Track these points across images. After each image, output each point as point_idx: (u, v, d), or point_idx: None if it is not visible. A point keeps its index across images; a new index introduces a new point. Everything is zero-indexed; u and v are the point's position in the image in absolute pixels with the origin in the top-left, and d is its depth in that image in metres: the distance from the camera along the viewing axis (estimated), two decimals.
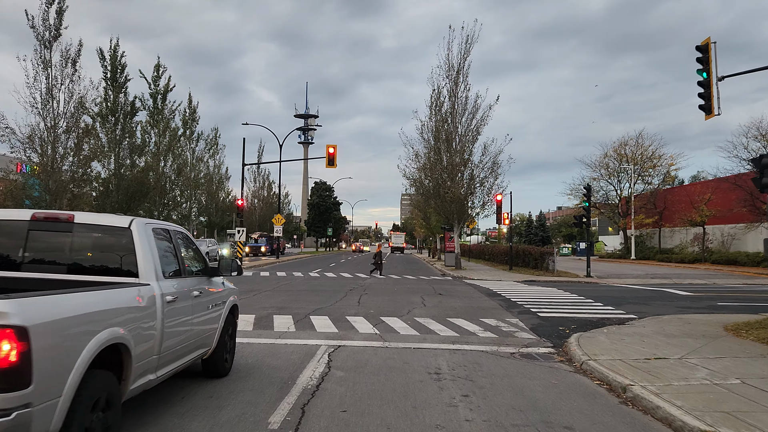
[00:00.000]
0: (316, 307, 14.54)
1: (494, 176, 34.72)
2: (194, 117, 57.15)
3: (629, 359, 8.59)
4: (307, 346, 9.28)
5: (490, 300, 17.33)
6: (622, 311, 14.93)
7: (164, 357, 5.01)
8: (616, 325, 12.39)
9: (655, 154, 55.24)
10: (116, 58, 43.16)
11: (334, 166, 32.89)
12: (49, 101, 33.68)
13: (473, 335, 10.96)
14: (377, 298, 17.04)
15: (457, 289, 21.37)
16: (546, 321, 13.13)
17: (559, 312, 14.65)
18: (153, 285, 4.86)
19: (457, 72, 34.82)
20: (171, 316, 5.08)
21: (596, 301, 17.22)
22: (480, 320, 12.92)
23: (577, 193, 59.76)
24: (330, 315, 13.02)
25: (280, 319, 12.17)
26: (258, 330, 10.71)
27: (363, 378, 7.26)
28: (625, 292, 20.91)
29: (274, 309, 13.85)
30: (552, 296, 18.70)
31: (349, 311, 13.84)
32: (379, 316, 13.13)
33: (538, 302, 16.69)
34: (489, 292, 20.15)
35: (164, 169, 50.27)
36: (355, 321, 12.16)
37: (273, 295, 17.32)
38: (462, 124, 34.94)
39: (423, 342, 10.07)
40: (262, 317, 12.34)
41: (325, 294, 18.10)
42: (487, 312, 14.42)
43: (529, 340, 10.67)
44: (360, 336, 10.40)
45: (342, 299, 16.66)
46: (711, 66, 16.46)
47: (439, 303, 16.20)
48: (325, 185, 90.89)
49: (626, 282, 26.47)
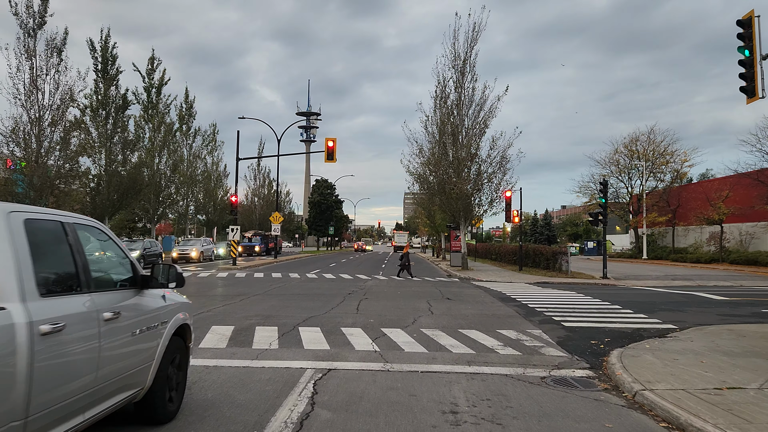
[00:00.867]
0: (309, 315, 12.73)
1: (502, 172, 32.84)
2: (191, 112, 55.41)
3: (695, 389, 6.75)
4: (290, 370, 7.47)
5: (504, 306, 15.49)
6: (657, 320, 13.09)
7: (41, 417, 3.20)
8: (657, 339, 10.56)
9: (667, 150, 53.32)
10: (107, 49, 41.43)
11: (333, 160, 31.08)
12: (33, 92, 31.94)
13: (492, 352, 9.14)
14: (378, 304, 15.23)
15: (466, 292, 19.54)
16: (573, 332, 11.30)
17: (585, 321, 12.82)
18: (12, 308, 3.06)
19: (464, 62, 32.93)
20: (51, 352, 3.28)
21: (624, 306, 15.38)
22: (497, 332, 11.10)
23: (585, 190, 57.98)
24: (323, 326, 11.21)
25: (263, 331, 10.36)
26: (233, 347, 8.91)
27: (356, 421, 5.45)
28: (652, 296, 19.05)
29: (259, 318, 12.05)
30: (572, 301, 16.86)
31: (345, 320, 12.03)
32: (380, 326, 11.32)
33: (559, 309, 14.86)
34: (502, 296, 18.32)
35: (159, 166, 48.53)
36: (352, 334, 10.35)
37: (261, 301, 15.51)
38: (469, 116, 33.06)
39: (433, 362, 8.26)
40: (242, 329, 10.54)
41: (320, 299, 16.29)
42: (504, 321, 12.59)
43: (560, 359, 8.85)
44: (356, 355, 8.59)
45: (339, 305, 14.85)
46: (755, 42, 14.52)
47: (448, 310, 14.37)
48: (327, 183, 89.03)
49: (647, 284, 24.59)
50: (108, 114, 40.95)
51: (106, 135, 40.73)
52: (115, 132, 41.38)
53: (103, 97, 40.49)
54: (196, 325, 11.34)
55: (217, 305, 14.25)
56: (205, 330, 10.33)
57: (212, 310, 13.18)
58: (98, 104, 40.47)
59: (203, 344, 8.99)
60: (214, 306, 14.09)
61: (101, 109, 40.54)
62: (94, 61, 41.03)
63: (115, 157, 41.13)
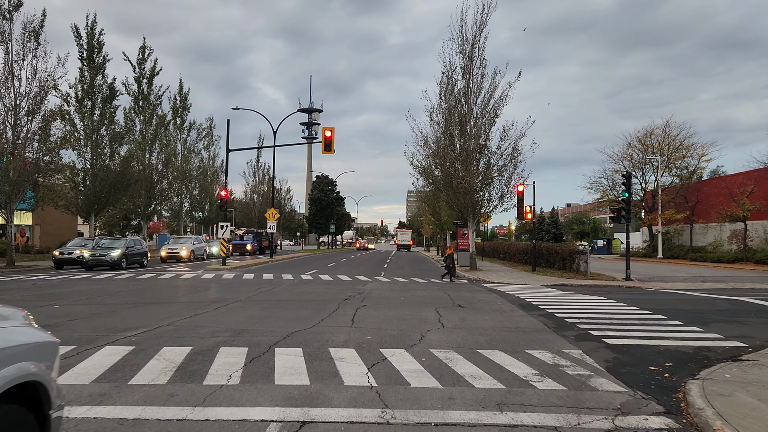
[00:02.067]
0: (292, 329, 10.40)
1: (513, 165, 30.39)
2: (185, 105, 53.11)
3: None
4: (244, 426, 5.14)
5: (527, 315, 13.11)
6: (717, 334, 10.73)
7: None
8: (733, 363, 8.21)
9: (683, 144, 50.73)
10: (93, 36, 39.17)
11: (331, 151, 28.72)
12: (8, 79, 29.69)
13: (528, 386, 6.80)
14: (378, 314, 12.88)
15: (479, 297, 17.17)
16: (621, 353, 8.96)
17: (630, 336, 10.46)
18: None
19: (472, 46, 30.49)
20: None
21: (668, 316, 13.01)
22: (527, 353, 8.76)
23: (597, 186, 55.48)
24: (307, 345, 8.87)
25: (226, 355, 8.02)
26: (175, 383, 6.55)
27: None
28: (694, 302, 16.66)
29: (229, 334, 9.71)
30: (604, 309, 14.49)
31: (336, 337, 9.69)
32: (379, 346, 8.98)
33: (593, 319, 12.50)
34: (520, 302, 15.96)
35: (150, 160, 46.25)
36: (342, 358, 8.01)
37: (240, 309, 13.18)
38: (477, 104, 30.64)
39: (450, 406, 5.93)
40: (201, 352, 8.20)
41: (311, 306, 13.96)
42: (532, 337, 10.24)
43: (620, 397, 6.53)
44: (344, 395, 6.25)
45: (331, 315, 12.51)
46: None
47: (462, 321, 12.02)
48: (327, 179, 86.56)
49: (676, 287, 22.20)
50: (94, 104, 38.70)
51: (92, 126, 38.48)
52: (102, 123, 39.13)
53: (89, 87, 38.23)
54: (144, 344, 8.73)
55: (185, 315, 11.93)
56: (152, 353, 8.02)
57: (174, 323, 10.86)
58: (83, 94, 38.22)
59: (136, 379, 6.66)
60: (181, 317, 11.76)
61: (87, 98, 38.29)
62: (79, 49, 38.82)
63: (102, 150, 38.89)
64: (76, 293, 16.69)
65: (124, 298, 15.20)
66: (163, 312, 12.43)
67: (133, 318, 11.54)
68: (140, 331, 9.89)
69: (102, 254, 27.92)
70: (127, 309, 12.97)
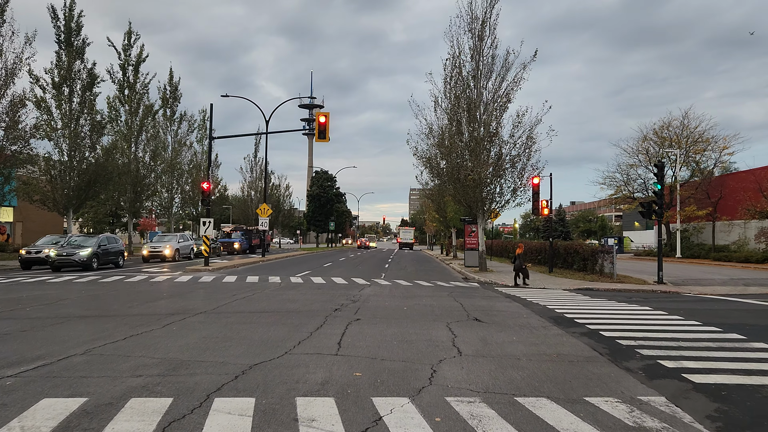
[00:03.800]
0: (253, 360, 7.53)
1: (528, 155, 27.42)
2: (176, 95, 50.15)
3: None
4: None
5: (566, 334, 10.19)
6: None
7: None
8: None
9: (703, 137, 47.64)
10: (72, 17, 36.27)
11: (326, 139, 25.86)
12: None
13: None
14: (375, 332, 10.00)
15: (497, 307, 14.27)
16: (725, 402, 6.10)
17: (719, 370, 7.57)
18: None
19: (482, 24, 27.58)
20: None
21: (747, 336, 10.09)
22: (587, 402, 5.92)
23: (611, 182, 52.44)
24: (266, 392, 6.00)
25: (127, 418, 5.11)
26: None
27: None
28: (760, 314, 13.77)
29: (157, 372, 6.83)
30: (658, 323, 11.58)
31: (312, 375, 6.81)
32: (371, 392, 6.12)
33: (654, 339, 9.60)
34: (550, 313, 13.06)
35: (137, 152, 43.37)
36: (313, 420, 5.12)
37: (196, 326, 10.29)
38: (488, 89, 27.74)
39: None
40: (91, 411, 5.32)
41: (289, 321, 11.09)
42: (585, 372, 7.35)
43: None
44: None
45: (313, 334, 9.64)
46: None
47: (484, 344, 9.12)
48: (327, 174, 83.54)
49: (717, 291, 19.31)
50: (72, 91, 35.84)
51: (70, 115, 35.63)
52: (81, 112, 36.30)
53: (66, 72, 35.36)
54: (17, 392, 5.68)
55: (117, 337, 9.05)
56: (12, 414, 5.14)
57: (93, 351, 7.98)
58: (61, 79, 35.35)
59: None
60: (110, 339, 8.89)
61: (64, 84, 35.42)
62: (56, 31, 35.92)
63: (81, 141, 36.04)
64: (6, 301, 13.86)
65: (60, 309, 12.35)
66: (91, 331, 9.57)
67: (44, 340, 8.69)
68: (36, 365, 7.04)
69: (70, 253, 25.10)
70: (51, 326, 10.12)
